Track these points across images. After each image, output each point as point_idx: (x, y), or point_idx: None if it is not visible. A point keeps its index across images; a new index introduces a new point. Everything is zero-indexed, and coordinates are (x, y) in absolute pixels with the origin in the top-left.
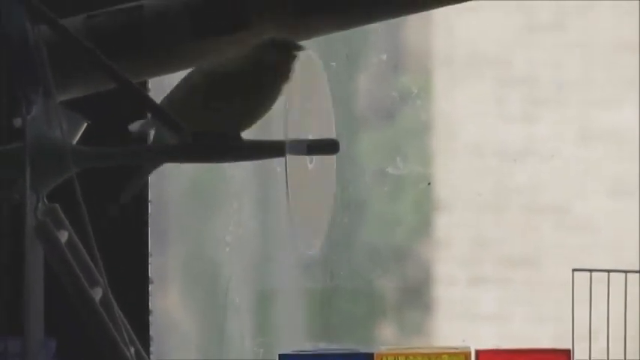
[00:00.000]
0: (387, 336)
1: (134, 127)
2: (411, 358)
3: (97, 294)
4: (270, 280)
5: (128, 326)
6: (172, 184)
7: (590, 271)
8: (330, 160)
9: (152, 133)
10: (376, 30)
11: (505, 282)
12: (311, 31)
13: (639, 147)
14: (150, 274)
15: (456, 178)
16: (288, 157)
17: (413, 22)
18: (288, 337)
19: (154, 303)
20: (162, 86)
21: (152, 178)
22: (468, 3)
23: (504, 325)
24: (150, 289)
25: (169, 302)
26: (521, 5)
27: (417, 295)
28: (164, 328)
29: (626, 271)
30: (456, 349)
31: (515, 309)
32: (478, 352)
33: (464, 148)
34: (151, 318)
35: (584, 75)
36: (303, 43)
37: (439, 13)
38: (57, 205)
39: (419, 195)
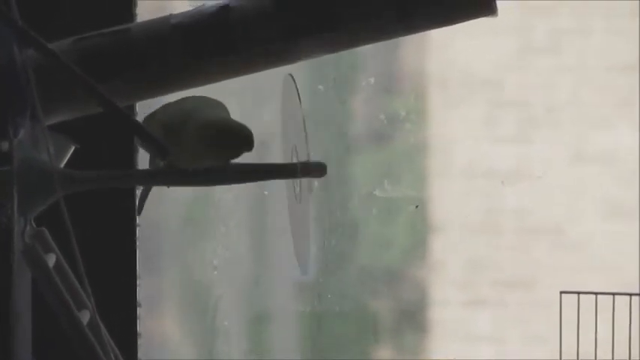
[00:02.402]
0: (383, 358)
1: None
2: None
3: (85, 317)
4: (262, 303)
5: (116, 349)
6: (161, 208)
7: (578, 293)
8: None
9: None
10: (371, 52)
11: (500, 303)
12: (299, 55)
13: (634, 169)
14: (138, 298)
15: (450, 200)
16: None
17: (408, 44)
18: None
19: (142, 326)
20: (149, 110)
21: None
22: (463, 25)
23: (499, 346)
24: (138, 312)
25: (158, 325)
26: (515, 28)
27: (413, 317)
28: (152, 351)
29: (614, 294)
30: None
31: (510, 330)
32: None
33: (458, 170)
34: (139, 341)
35: (577, 97)
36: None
37: (434, 36)
38: (44, 229)
39: (413, 217)
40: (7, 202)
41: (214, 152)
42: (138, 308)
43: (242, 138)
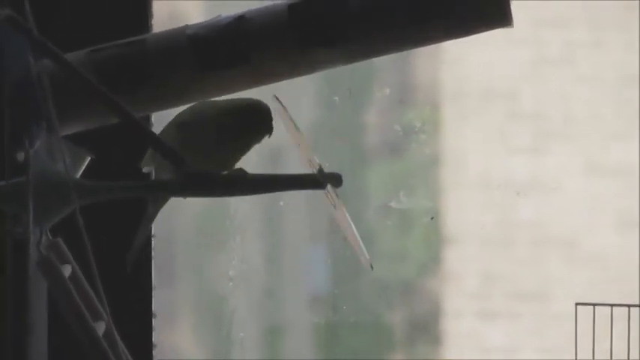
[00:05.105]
0: None
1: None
2: None
3: (101, 328)
4: (277, 314)
5: None
6: (176, 218)
7: (594, 305)
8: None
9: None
10: (386, 63)
11: (514, 315)
12: (313, 66)
13: None
14: (153, 308)
15: (465, 212)
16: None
17: (422, 55)
18: None
19: (157, 337)
20: (164, 120)
21: None
22: (477, 37)
23: (513, 358)
24: (153, 323)
25: (173, 336)
26: (530, 39)
27: (427, 328)
28: None
29: (629, 305)
30: None
31: (524, 342)
32: None
33: (473, 182)
34: (154, 352)
35: (592, 109)
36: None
37: (448, 47)
38: (60, 240)
39: (428, 229)
40: (22, 213)
41: (236, 134)
42: (153, 319)
43: (261, 111)
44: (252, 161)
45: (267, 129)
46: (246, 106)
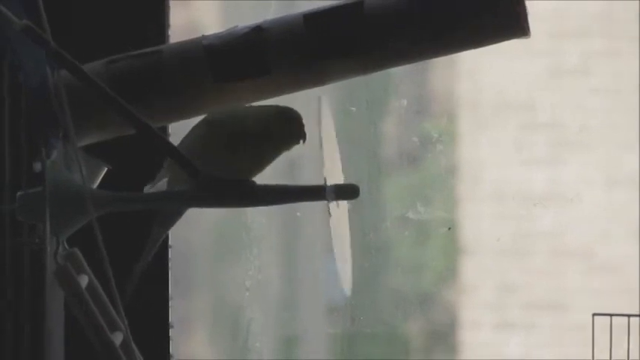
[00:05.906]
0: None
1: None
2: None
3: (118, 338)
4: (294, 325)
5: None
6: (193, 229)
7: (611, 315)
8: (343, 205)
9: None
10: (403, 74)
11: (530, 326)
12: (330, 77)
13: None
14: (170, 319)
15: (481, 223)
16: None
17: (439, 66)
18: None
19: (174, 348)
20: (182, 131)
21: None
22: (494, 47)
23: None
24: (170, 333)
25: (190, 347)
26: (546, 49)
27: (444, 339)
28: None
29: None
30: None
31: (540, 353)
32: None
33: (490, 193)
34: None
35: (609, 119)
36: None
37: (465, 58)
38: (77, 250)
39: (445, 240)
40: (39, 223)
41: (252, 143)
42: (170, 330)
43: (290, 118)
44: (267, 173)
45: (299, 135)
46: (274, 112)
